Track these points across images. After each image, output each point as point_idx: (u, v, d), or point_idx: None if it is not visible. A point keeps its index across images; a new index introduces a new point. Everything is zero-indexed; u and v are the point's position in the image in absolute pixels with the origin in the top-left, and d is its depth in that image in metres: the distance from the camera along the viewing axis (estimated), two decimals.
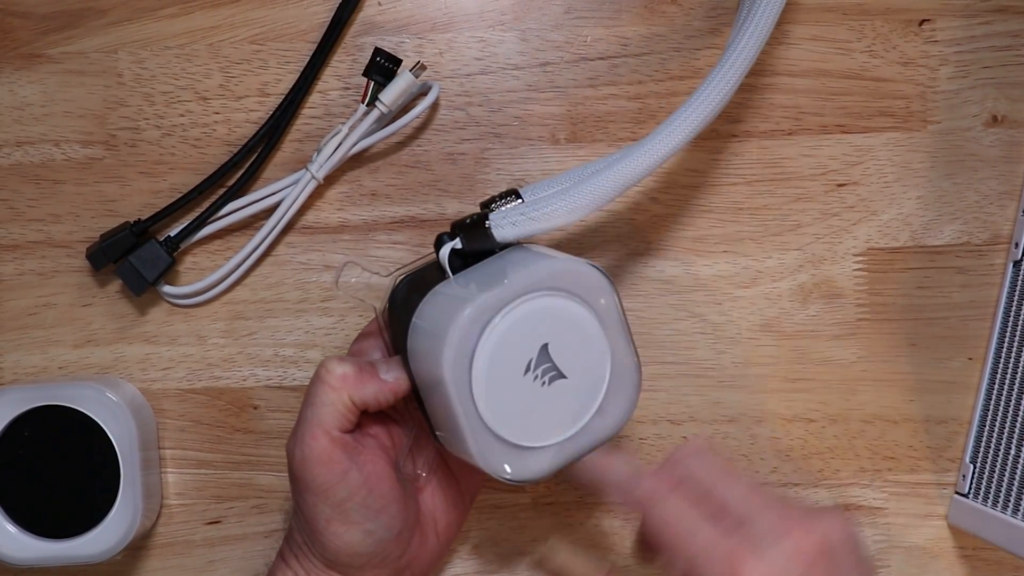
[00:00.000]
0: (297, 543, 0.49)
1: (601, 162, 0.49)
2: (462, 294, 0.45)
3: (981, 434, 0.55)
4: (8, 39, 0.56)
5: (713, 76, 0.47)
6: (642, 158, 0.46)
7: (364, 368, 0.47)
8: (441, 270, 0.48)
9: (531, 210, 0.46)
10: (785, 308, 0.56)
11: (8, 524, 0.53)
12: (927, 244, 0.56)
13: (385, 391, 0.46)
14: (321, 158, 0.54)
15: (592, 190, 0.46)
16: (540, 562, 0.44)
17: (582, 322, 0.46)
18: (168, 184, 0.56)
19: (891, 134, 0.56)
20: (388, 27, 0.56)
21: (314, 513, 0.47)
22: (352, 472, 0.46)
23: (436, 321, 0.44)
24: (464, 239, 0.47)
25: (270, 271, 0.56)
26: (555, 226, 0.46)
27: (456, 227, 0.48)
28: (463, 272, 0.47)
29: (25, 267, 0.56)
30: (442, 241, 0.48)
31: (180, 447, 0.56)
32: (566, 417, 0.46)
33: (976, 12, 0.56)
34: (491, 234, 0.46)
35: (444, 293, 0.46)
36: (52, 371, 0.56)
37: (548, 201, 0.46)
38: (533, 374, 0.45)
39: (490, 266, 0.47)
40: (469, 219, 0.47)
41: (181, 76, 0.56)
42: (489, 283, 0.44)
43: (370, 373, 0.47)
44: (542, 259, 0.46)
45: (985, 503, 0.53)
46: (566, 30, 0.56)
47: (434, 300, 0.46)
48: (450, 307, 0.44)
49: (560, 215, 0.46)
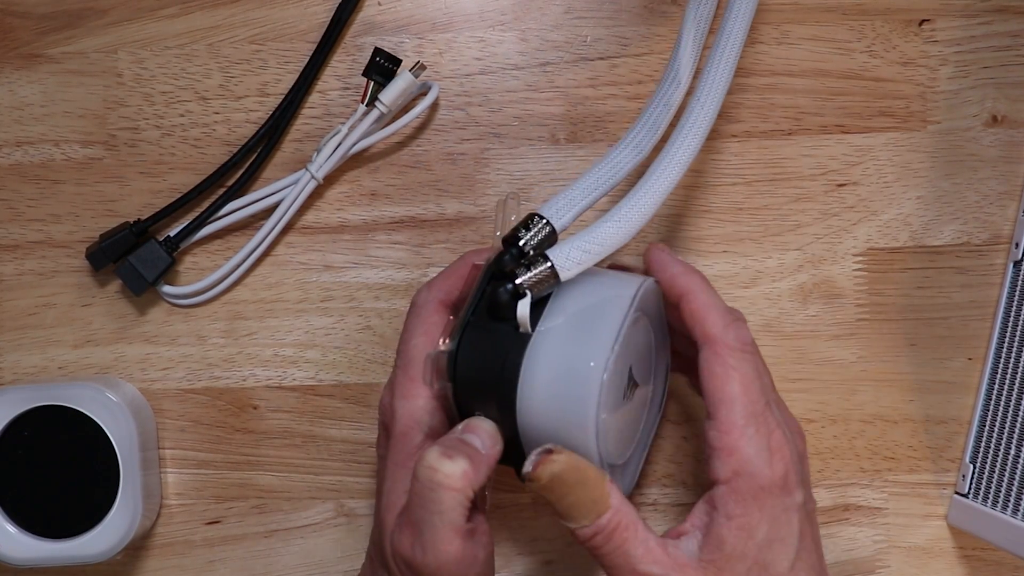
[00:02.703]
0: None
1: (605, 165, 0.48)
2: (578, 351, 0.43)
3: (981, 434, 0.55)
4: (8, 39, 0.56)
5: (712, 60, 0.47)
6: (677, 160, 0.46)
7: (473, 455, 0.44)
8: (504, 319, 0.45)
9: (587, 244, 0.44)
10: (785, 308, 0.56)
11: (8, 524, 0.53)
12: (927, 244, 0.56)
13: (492, 464, 0.45)
14: (321, 158, 0.54)
15: (640, 208, 0.45)
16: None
17: (649, 334, 0.47)
18: (168, 184, 0.56)
19: (891, 134, 0.56)
20: (388, 27, 0.56)
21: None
22: (479, 553, 0.44)
23: (560, 385, 0.43)
24: (532, 291, 0.44)
25: (270, 271, 0.56)
26: (610, 252, 0.45)
27: (503, 276, 0.45)
28: (551, 321, 0.45)
29: (25, 267, 0.56)
30: (500, 297, 0.44)
31: (180, 447, 0.56)
32: (640, 422, 0.48)
33: (976, 12, 0.56)
34: (558, 278, 0.44)
35: (553, 353, 0.44)
36: (52, 371, 0.56)
37: (602, 230, 0.44)
38: (626, 396, 0.46)
39: (568, 303, 0.45)
40: (530, 268, 0.44)
41: (181, 76, 0.56)
42: (591, 328, 0.44)
43: (478, 456, 0.44)
44: (618, 285, 0.45)
45: (985, 503, 0.53)
46: (566, 30, 0.56)
47: (541, 359, 0.44)
48: (573, 366, 0.43)
49: (615, 240, 0.45)
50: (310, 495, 0.56)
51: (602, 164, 0.47)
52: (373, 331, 0.56)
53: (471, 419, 0.46)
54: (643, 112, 0.48)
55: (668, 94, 0.48)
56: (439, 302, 0.48)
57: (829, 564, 0.56)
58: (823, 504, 0.56)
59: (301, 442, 0.56)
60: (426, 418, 0.46)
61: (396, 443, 0.47)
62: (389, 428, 0.47)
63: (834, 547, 0.56)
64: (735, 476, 0.43)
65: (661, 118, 0.48)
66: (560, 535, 0.57)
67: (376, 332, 0.56)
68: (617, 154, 0.47)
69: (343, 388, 0.56)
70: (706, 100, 0.47)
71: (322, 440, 0.56)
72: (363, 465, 0.56)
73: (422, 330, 0.48)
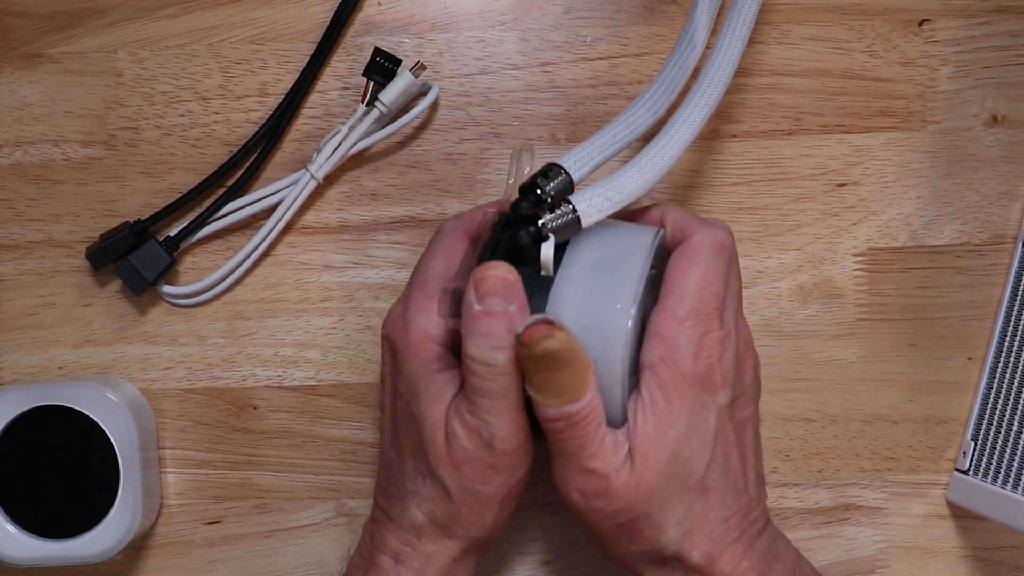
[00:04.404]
0: (428, 533, 0.47)
1: (621, 122, 0.48)
2: (603, 295, 0.44)
3: (983, 412, 0.54)
4: (8, 39, 0.56)
5: (730, 20, 0.48)
6: (696, 114, 0.46)
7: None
8: (524, 262, 0.44)
9: (610, 192, 0.45)
10: (785, 308, 0.56)
11: (8, 524, 0.53)
12: (927, 244, 0.56)
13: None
14: (321, 158, 0.54)
15: (659, 159, 0.45)
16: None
17: (656, 284, 0.47)
18: (168, 184, 0.56)
19: (891, 134, 0.56)
20: (388, 27, 0.56)
21: (499, 495, 0.45)
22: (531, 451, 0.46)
23: (585, 328, 0.43)
24: (556, 234, 0.44)
25: (270, 271, 0.56)
26: (629, 201, 0.45)
27: (522, 220, 0.44)
28: (570, 268, 0.45)
29: (25, 267, 0.56)
30: (521, 240, 0.44)
31: (180, 447, 0.56)
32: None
33: (976, 12, 0.56)
34: (580, 224, 0.44)
35: (577, 296, 0.44)
36: (52, 371, 0.56)
37: (623, 179, 0.45)
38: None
39: (586, 251, 0.45)
40: (553, 212, 0.44)
41: (181, 76, 0.56)
42: (614, 274, 0.44)
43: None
44: (634, 234, 0.46)
45: (985, 480, 0.53)
46: (566, 30, 0.56)
47: (565, 302, 0.44)
48: (599, 309, 0.44)
49: (635, 190, 0.45)
50: (310, 495, 0.56)
51: (618, 121, 0.48)
52: (373, 331, 0.56)
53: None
54: (659, 74, 0.49)
55: (684, 56, 0.48)
56: (464, 231, 0.48)
57: (829, 564, 0.56)
58: (823, 504, 0.56)
59: (301, 442, 0.56)
60: (440, 335, 0.46)
61: (412, 353, 0.46)
62: (399, 341, 0.46)
63: (834, 547, 0.56)
64: (660, 362, 0.44)
65: (677, 79, 0.48)
66: (560, 535, 0.57)
67: (376, 332, 0.56)
68: (633, 112, 0.48)
69: (343, 388, 0.56)
70: (724, 59, 0.48)
71: (322, 440, 0.56)
72: (363, 465, 0.56)
73: (444, 253, 0.47)
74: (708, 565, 0.45)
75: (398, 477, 0.47)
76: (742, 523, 0.46)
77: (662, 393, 0.44)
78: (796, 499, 0.56)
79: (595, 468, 0.44)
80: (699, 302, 0.44)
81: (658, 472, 0.44)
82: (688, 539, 0.45)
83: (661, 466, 0.44)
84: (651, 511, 0.44)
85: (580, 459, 0.44)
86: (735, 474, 0.46)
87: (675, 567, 0.45)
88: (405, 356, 0.46)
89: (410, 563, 0.47)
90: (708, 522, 0.45)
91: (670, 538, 0.45)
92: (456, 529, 0.46)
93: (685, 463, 0.44)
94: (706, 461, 0.45)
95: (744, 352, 0.47)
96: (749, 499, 0.46)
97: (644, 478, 0.44)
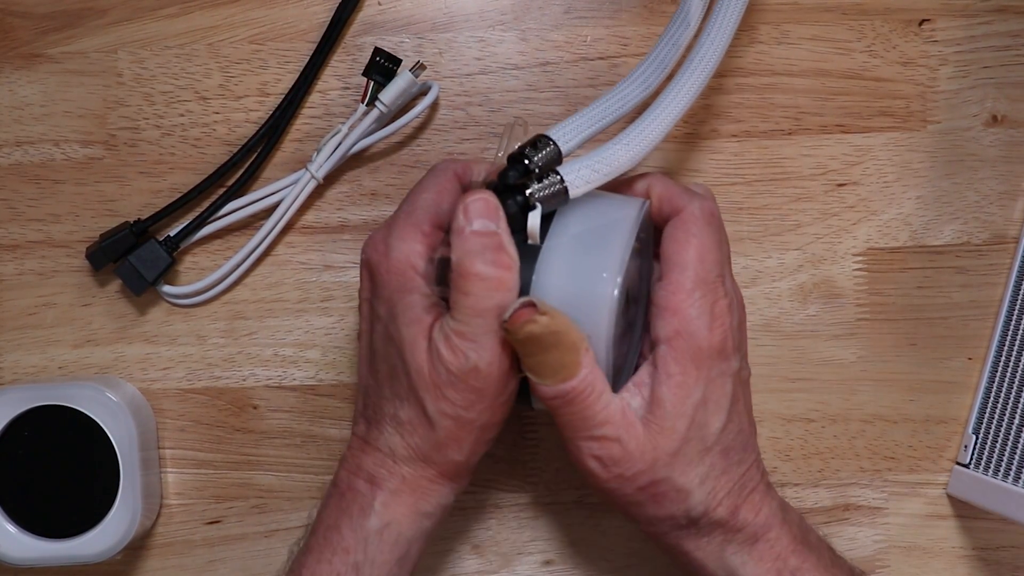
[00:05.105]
0: (404, 456, 0.47)
1: (613, 97, 0.48)
2: (590, 264, 0.44)
3: (985, 406, 0.54)
4: (8, 39, 0.56)
5: (720, 5, 0.48)
6: (686, 90, 0.47)
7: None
8: (513, 230, 0.45)
9: (597, 164, 0.45)
10: (785, 308, 0.56)
11: (8, 524, 0.53)
12: (927, 244, 0.56)
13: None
14: (321, 158, 0.54)
15: (648, 133, 0.46)
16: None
17: (640, 256, 0.47)
18: (168, 184, 0.56)
19: (891, 134, 0.56)
20: (388, 27, 0.56)
21: (480, 422, 0.45)
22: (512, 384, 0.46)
23: (572, 297, 0.44)
24: (543, 204, 0.45)
25: (270, 271, 0.56)
26: (617, 174, 0.46)
27: (508, 189, 0.45)
28: (557, 238, 0.45)
29: (25, 267, 0.56)
30: (508, 209, 0.44)
31: (180, 447, 0.56)
32: (628, 347, 0.48)
33: (976, 12, 0.56)
34: (567, 195, 0.45)
35: (564, 265, 0.44)
36: (52, 371, 0.56)
37: (611, 151, 0.45)
38: (625, 315, 0.46)
39: (572, 222, 0.45)
40: (540, 182, 0.44)
41: (181, 76, 0.56)
42: (600, 244, 0.45)
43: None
44: (620, 205, 0.46)
45: (986, 473, 0.53)
46: (566, 30, 0.56)
47: (552, 271, 0.44)
48: (586, 278, 0.44)
49: (623, 163, 0.45)
50: (310, 495, 0.56)
51: (609, 96, 0.48)
52: None
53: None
54: (652, 50, 0.49)
55: (677, 34, 0.49)
56: (456, 173, 0.48)
57: None
58: (823, 504, 0.56)
59: (301, 442, 0.56)
60: (420, 265, 0.46)
61: (392, 276, 0.46)
62: (379, 264, 0.46)
63: (834, 547, 0.56)
64: (676, 336, 0.44)
65: (669, 57, 0.49)
66: (560, 535, 0.57)
67: None
68: (624, 87, 0.48)
69: (343, 388, 0.56)
70: (716, 35, 0.48)
71: (322, 440, 0.56)
72: None
73: (435, 188, 0.47)
74: (732, 517, 0.46)
75: (375, 402, 0.47)
76: (756, 473, 0.47)
77: (679, 367, 0.44)
78: (796, 499, 0.56)
79: (606, 434, 0.44)
80: (703, 271, 0.45)
81: (677, 438, 0.45)
82: (713, 497, 0.46)
83: (681, 432, 0.45)
84: (673, 475, 0.45)
85: (588, 429, 0.44)
86: (747, 430, 0.47)
87: (702, 526, 0.46)
88: (385, 279, 0.46)
89: (385, 484, 0.47)
90: (730, 479, 0.46)
91: (696, 499, 0.45)
92: (432, 453, 0.46)
93: (703, 427, 0.45)
94: (723, 422, 0.46)
95: (743, 314, 0.48)
96: (756, 452, 0.48)
97: (662, 443, 0.44)
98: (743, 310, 0.48)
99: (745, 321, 0.49)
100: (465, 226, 0.43)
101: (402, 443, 0.46)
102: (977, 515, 0.56)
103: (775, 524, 0.46)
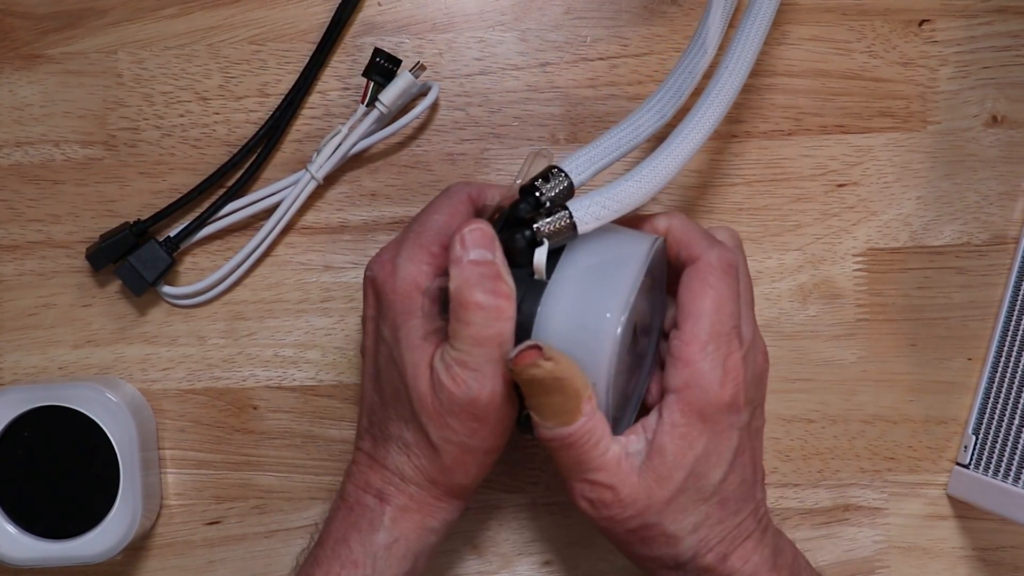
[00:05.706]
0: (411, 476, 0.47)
1: (627, 127, 0.47)
2: (594, 302, 0.44)
3: (984, 406, 0.54)
4: (8, 39, 0.56)
5: (743, 28, 0.47)
6: (702, 125, 0.46)
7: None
8: (518, 265, 0.45)
9: (608, 200, 0.45)
10: (785, 308, 0.56)
11: (8, 524, 0.53)
12: (927, 244, 0.56)
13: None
14: (321, 158, 0.54)
15: (661, 169, 0.45)
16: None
17: (652, 292, 0.47)
18: (168, 184, 0.56)
19: (891, 134, 0.56)
20: (388, 27, 0.56)
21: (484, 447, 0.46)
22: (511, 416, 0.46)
23: (574, 334, 0.44)
24: (550, 240, 0.44)
25: (270, 271, 0.56)
26: (628, 211, 0.45)
27: (518, 222, 0.44)
28: (565, 271, 0.45)
29: (25, 267, 0.56)
30: (516, 243, 0.44)
31: (180, 447, 0.56)
32: (636, 380, 0.48)
33: (976, 12, 0.56)
34: (576, 230, 0.44)
35: (568, 302, 0.44)
36: (52, 371, 0.56)
37: (622, 188, 0.45)
38: (630, 351, 0.46)
39: (581, 256, 0.45)
40: (549, 217, 0.44)
41: (181, 76, 0.56)
42: (607, 282, 0.44)
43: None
44: (631, 241, 0.46)
45: (986, 473, 0.53)
46: (566, 30, 0.56)
47: (557, 307, 0.44)
48: (589, 316, 0.44)
49: (634, 199, 0.45)
50: (310, 495, 0.56)
51: (623, 125, 0.48)
52: None
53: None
54: (668, 78, 0.48)
55: (694, 61, 0.48)
56: (469, 196, 0.48)
57: (829, 564, 0.56)
58: (823, 504, 0.56)
59: (301, 442, 0.56)
60: (426, 287, 0.46)
61: (397, 298, 0.46)
62: (385, 284, 0.46)
63: (834, 547, 0.56)
64: (686, 387, 0.44)
65: (685, 85, 0.48)
66: (560, 535, 0.57)
67: None
68: (639, 117, 0.48)
69: (343, 388, 0.56)
70: (735, 67, 0.47)
71: (322, 440, 0.56)
72: None
73: (447, 211, 0.47)
74: (720, 564, 0.45)
75: (381, 421, 0.47)
76: (752, 522, 0.47)
77: (685, 419, 0.44)
78: (796, 499, 0.56)
79: (600, 480, 0.44)
80: (718, 323, 0.44)
81: (673, 487, 0.44)
82: (704, 544, 0.45)
83: (677, 483, 0.44)
84: (663, 521, 0.45)
85: (583, 472, 0.44)
86: (749, 481, 0.47)
87: (688, 571, 0.46)
88: (391, 299, 0.46)
89: (394, 501, 0.47)
90: (725, 528, 0.46)
91: (686, 545, 0.45)
92: (439, 476, 0.46)
93: (702, 478, 0.45)
94: (724, 474, 0.45)
95: (762, 364, 0.47)
96: (757, 500, 0.47)
97: (657, 491, 0.44)
98: (765, 358, 0.48)
99: (766, 371, 0.48)
100: (463, 255, 0.43)
101: (409, 464, 0.46)
102: (977, 515, 0.56)
103: (763, 572, 0.46)
